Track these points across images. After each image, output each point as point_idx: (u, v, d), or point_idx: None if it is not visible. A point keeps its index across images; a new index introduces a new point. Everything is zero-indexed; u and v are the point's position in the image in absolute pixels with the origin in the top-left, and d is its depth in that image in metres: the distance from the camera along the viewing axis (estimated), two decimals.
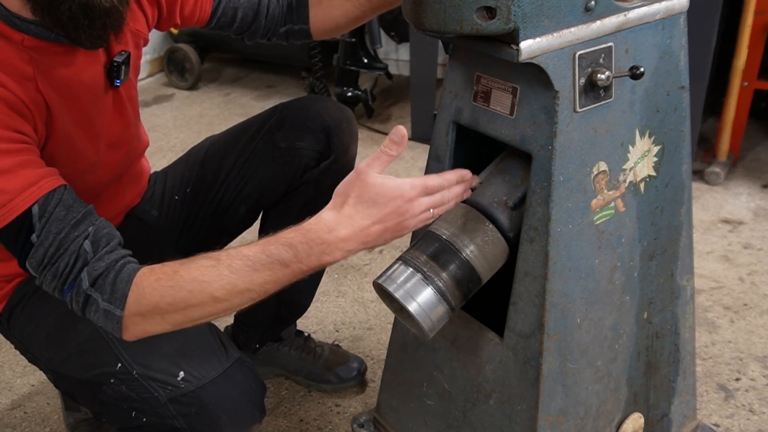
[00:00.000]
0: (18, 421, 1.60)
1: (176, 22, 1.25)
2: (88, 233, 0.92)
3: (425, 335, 0.96)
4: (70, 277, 0.91)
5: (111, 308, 0.90)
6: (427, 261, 0.97)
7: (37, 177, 0.91)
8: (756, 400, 1.55)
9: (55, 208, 0.90)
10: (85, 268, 0.90)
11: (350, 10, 1.28)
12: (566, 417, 1.05)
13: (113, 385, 1.04)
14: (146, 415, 1.04)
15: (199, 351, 1.06)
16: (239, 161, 1.36)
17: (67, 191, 0.93)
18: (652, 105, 1.01)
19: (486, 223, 0.98)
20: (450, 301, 0.96)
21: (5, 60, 0.94)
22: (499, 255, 1.00)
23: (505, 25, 0.82)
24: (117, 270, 0.91)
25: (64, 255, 0.90)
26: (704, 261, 2.03)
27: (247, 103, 3.42)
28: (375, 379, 1.64)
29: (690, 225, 1.15)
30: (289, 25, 1.32)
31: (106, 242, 0.93)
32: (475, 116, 1.00)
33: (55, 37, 0.97)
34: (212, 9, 1.26)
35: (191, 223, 1.39)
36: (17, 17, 0.94)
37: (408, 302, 0.94)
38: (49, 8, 0.92)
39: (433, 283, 0.95)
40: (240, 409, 1.05)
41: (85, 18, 0.93)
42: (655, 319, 1.14)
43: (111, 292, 0.90)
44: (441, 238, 0.98)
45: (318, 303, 1.88)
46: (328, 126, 1.34)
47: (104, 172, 1.17)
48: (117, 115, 1.15)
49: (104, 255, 0.92)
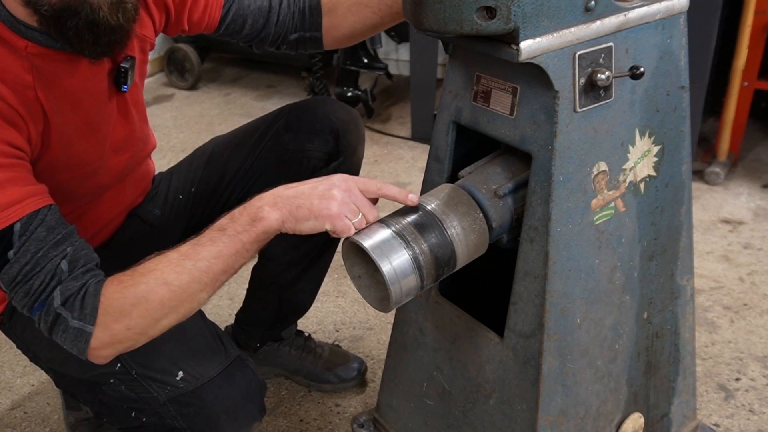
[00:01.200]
0: (18, 421, 1.60)
1: (184, 28, 1.24)
2: (66, 253, 0.91)
3: (389, 305, 0.89)
4: (42, 296, 0.90)
5: (81, 325, 0.89)
6: (408, 227, 0.92)
7: (22, 195, 0.90)
8: (756, 400, 1.55)
9: (37, 228, 0.90)
10: (58, 287, 0.90)
11: (368, 16, 1.25)
12: (566, 417, 1.05)
13: (113, 385, 1.04)
14: (146, 415, 1.04)
15: (198, 350, 1.06)
16: (247, 163, 1.36)
17: (51, 212, 0.92)
18: (652, 105, 1.01)
19: (476, 210, 0.96)
20: (423, 274, 0.91)
21: (5, 68, 0.93)
22: (480, 245, 0.97)
23: (505, 25, 0.82)
24: (87, 287, 0.90)
25: (39, 273, 0.89)
26: (704, 261, 2.03)
27: (247, 103, 3.42)
28: (375, 379, 1.64)
29: (690, 225, 1.15)
30: (300, 33, 1.30)
31: (84, 263, 0.92)
32: (475, 116, 1.00)
33: (60, 45, 0.97)
34: (221, 16, 1.24)
35: (195, 223, 1.39)
36: (22, 24, 0.94)
37: (382, 262, 0.87)
38: (56, 23, 0.92)
39: (411, 249, 0.90)
40: (240, 408, 1.05)
41: (90, 34, 0.94)
42: (655, 319, 1.14)
43: (81, 308, 0.89)
44: (427, 209, 0.94)
45: (318, 303, 1.88)
46: (336, 128, 1.34)
47: (107, 176, 1.17)
48: (122, 120, 1.15)
49: (79, 275, 0.91)
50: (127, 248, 1.26)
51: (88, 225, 1.19)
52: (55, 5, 0.90)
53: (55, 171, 1.01)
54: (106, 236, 1.26)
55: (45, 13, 0.91)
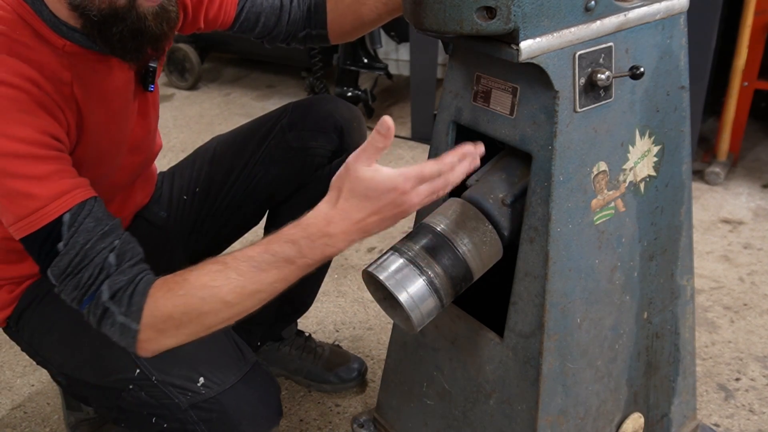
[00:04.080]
0: (18, 421, 1.60)
1: (200, 26, 1.25)
2: (114, 246, 0.91)
3: (413, 328, 0.93)
4: (91, 289, 0.90)
5: (127, 321, 0.89)
6: (420, 252, 0.94)
7: (70, 186, 0.91)
8: (756, 400, 1.55)
9: (86, 218, 0.90)
10: (106, 281, 0.90)
11: (365, 13, 1.28)
12: (566, 417, 1.05)
13: (132, 392, 1.04)
14: (167, 421, 1.04)
15: (218, 356, 1.06)
16: (251, 161, 1.37)
17: (97, 203, 0.93)
18: (652, 105, 1.01)
19: (485, 222, 0.97)
20: (441, 295, 0.94)
21: (46, 64, 0.94)
22: (494, 255, 0.99)
23: (505, 25, 0.82)
24: (136, 283, 0.91)
25: (89, 266, 0.90)
26: (704, 261, 2.03)
27: (247, 103, 3.42)
28: (375, 379, 1.64)
29: (690, 225, 1.15)
30: (307, 30, 1.32)
31: (131, 257, 0.92)
32: (475, 116, 1.00)
33: (98, 47, 0.98)
34: (236, 13, 1.26)
35: (201, 223, 1.40)
36: (65, 25, 0.95)
37: (399, 292, 0.91)
38: (102, 28, 0.93)
39: (425, 275, 0.93)
40: (259, 414, 1.06)
41: (134, 42, 0.95)
42: (655, 319, 1.14)
43: (128, 305, 0.89)
44: (436, 231, 0.96)
45: (318, 303, 1.88)
46: (340, 125, 1.35)
47: (121, 176, 1.18)
48: (141, 120, 1.16)
49: (126, 269, 0.91)
50: None
51: None
52: (104, 11, 0.91)
53: (80, 168, 1.02)
54: None
55: (93, 18, 0.92)
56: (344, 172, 0.89)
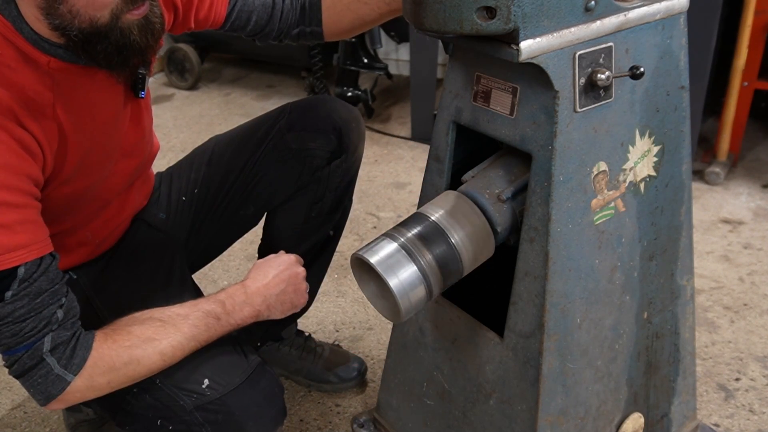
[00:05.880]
0: (18, 421, 1.60)
1: (190, 26, 1.24)
2: (62, 303, 0.94)
3: (399, 316, 0.91)
4: (31, 339, 0.91)
5: (64, 374, 0.92)
6: (413, 239, 0.93)
7: (30, 240, 0.91)
8: (756, 400, 1.55)
9: (40, 276, 0.91)
10: (50, 333, 0.92)
11: (366, 12, 1.27)
12: (566, 417, 1.05)
13: (136, 395, 1.05)
14: (173, 423, 1.04)
15: (222, 358, 1.07)
16: (249, 162, 1.36)
17: (54, 261, 0.94)
18: (652, 105, 1.01)
19: (480, 217, 0.96)
20: (431, 284, 0.92)
21: (27, 89, 0.93)
22: (485, 251, 0.97)
23: (505, 25, 0.82)
24: (77, 337, 0.94)
25: (34, 318, 0.91)
26: (704, 261, 2.03)
27: (247, 103, 3.42)
28: (375, 379, 1.64)
29: (690, 225, 1.15)
30: (301, 27, 1.32)
31: (74, 314, 0.96)
32: (475, 116, 1.00)
33: (83, 61, 0.97)
34: (227, 12, 1.25)
35: (200, 224, 1.39)
36: (46, 41, 0.94)
37: (389, 277, 0.89)
38: (85, 46, 0.93)
39: (416, 262, 0.91)
40: (265, 414, 1.07)
41: (119, 57, 0.95)
42: (655, 319, 1.14)
43: (70, 358, 0.92)
44: (431, 220, 0.95)
45: (318, 303, 1.88)
46: (338, 126, 1.34)
47: (117, 180, 1.18)
48: (134, 126, 1.15)
49: (69, 325, 0.94)
50: (135, 253, 1.27)
51: (97, 231, 1.19)
52: (85, 30, 0.90)
53: (69, 183, 1.02)
54: (113, 242, 1.25)
55: (74, 38, 0.91)
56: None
